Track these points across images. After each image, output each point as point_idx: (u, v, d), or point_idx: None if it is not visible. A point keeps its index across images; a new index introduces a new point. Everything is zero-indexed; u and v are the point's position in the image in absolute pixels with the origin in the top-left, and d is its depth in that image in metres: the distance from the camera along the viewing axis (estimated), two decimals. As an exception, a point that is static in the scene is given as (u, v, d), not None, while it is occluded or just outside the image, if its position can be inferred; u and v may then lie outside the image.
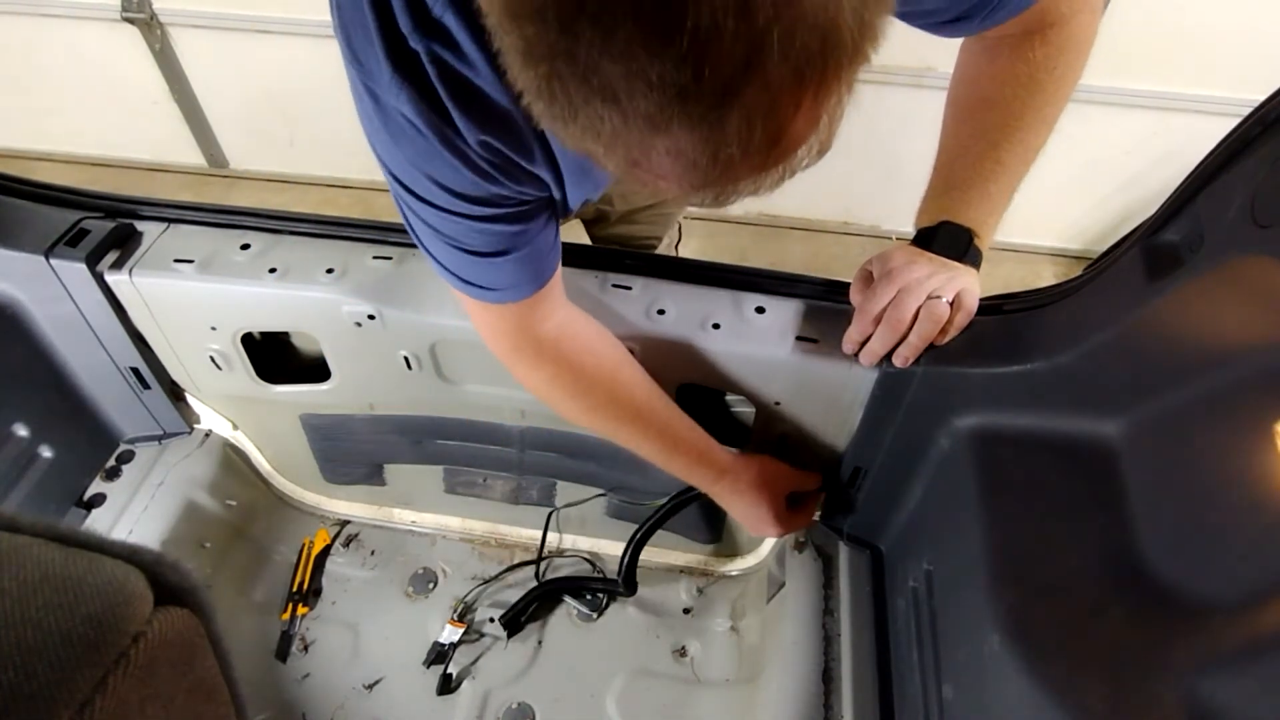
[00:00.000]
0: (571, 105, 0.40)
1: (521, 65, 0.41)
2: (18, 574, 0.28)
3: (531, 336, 0.85)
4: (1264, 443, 0.65)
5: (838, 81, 0.41)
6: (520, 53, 0.40)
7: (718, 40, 0.36)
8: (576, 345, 0.88)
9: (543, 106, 0.42)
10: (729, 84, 0.38)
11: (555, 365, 0.87)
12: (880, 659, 1.04)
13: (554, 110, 0.41)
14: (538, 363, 0.87)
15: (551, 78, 0.39)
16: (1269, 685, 0.60)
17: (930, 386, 0.93)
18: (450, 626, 1.22)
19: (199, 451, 1.29)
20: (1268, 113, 0.66)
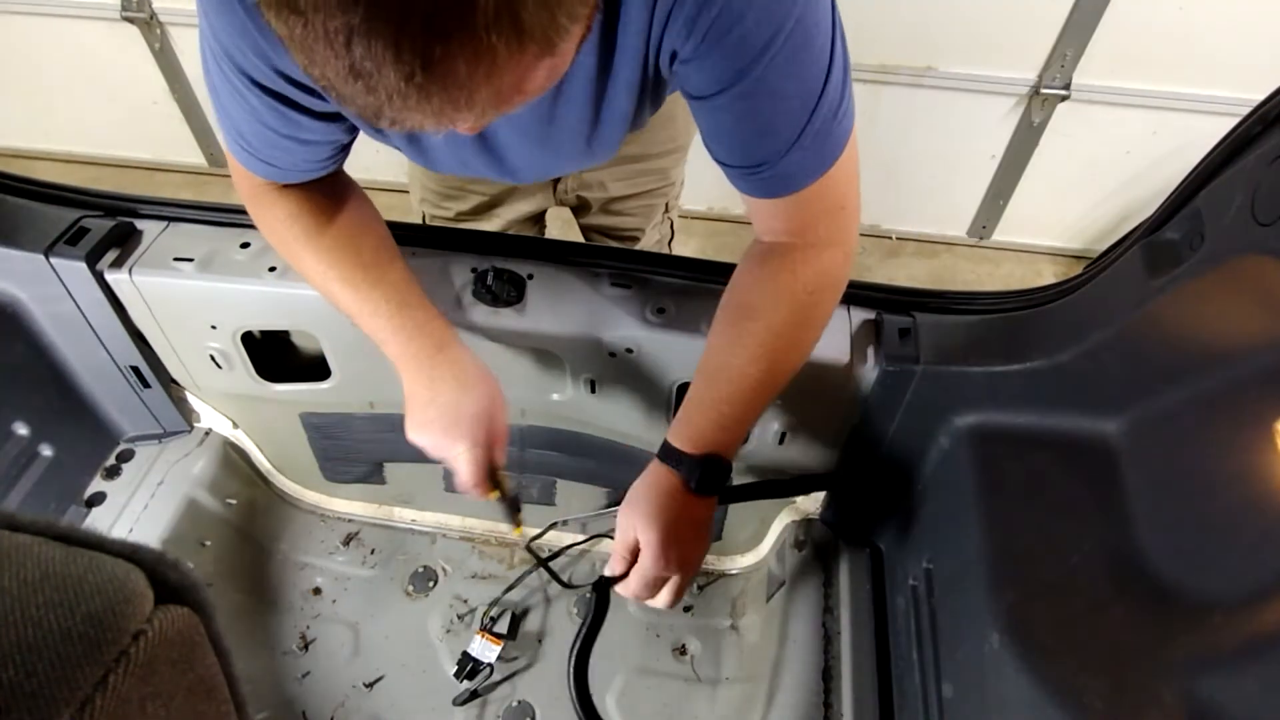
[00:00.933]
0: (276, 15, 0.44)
1: None
2: (18, 572, 0.28)
3: (274, 189, 0.87)
4: (1264, 441, 0.65)
5: (474, 44, 0.43)
6: None
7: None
8: (325, 195, 0.88)
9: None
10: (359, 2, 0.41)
11: (294, 207, 0.86)
12: (880, 657, 1.04)
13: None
14: (276, 201, 0.87)
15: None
16: (1269, 684, 0.60)
17: (930, 385, 0.93)
18: (482, 639, 1.19)
19: (199, 450, 1.29)
20: (1268, 111, 0.66)
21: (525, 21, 0.44)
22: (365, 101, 0.46)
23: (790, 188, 0.75)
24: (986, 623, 0.80)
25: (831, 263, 0.81)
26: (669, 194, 1.33)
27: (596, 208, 1.30)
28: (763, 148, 0.73)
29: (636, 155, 1.22)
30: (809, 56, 0.68)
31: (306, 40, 0.44)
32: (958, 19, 2.01)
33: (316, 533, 1.37)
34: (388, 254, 0.89)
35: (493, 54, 0.44)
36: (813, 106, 0.70)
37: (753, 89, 0.68)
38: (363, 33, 0.42)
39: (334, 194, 0.89)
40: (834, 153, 0.74)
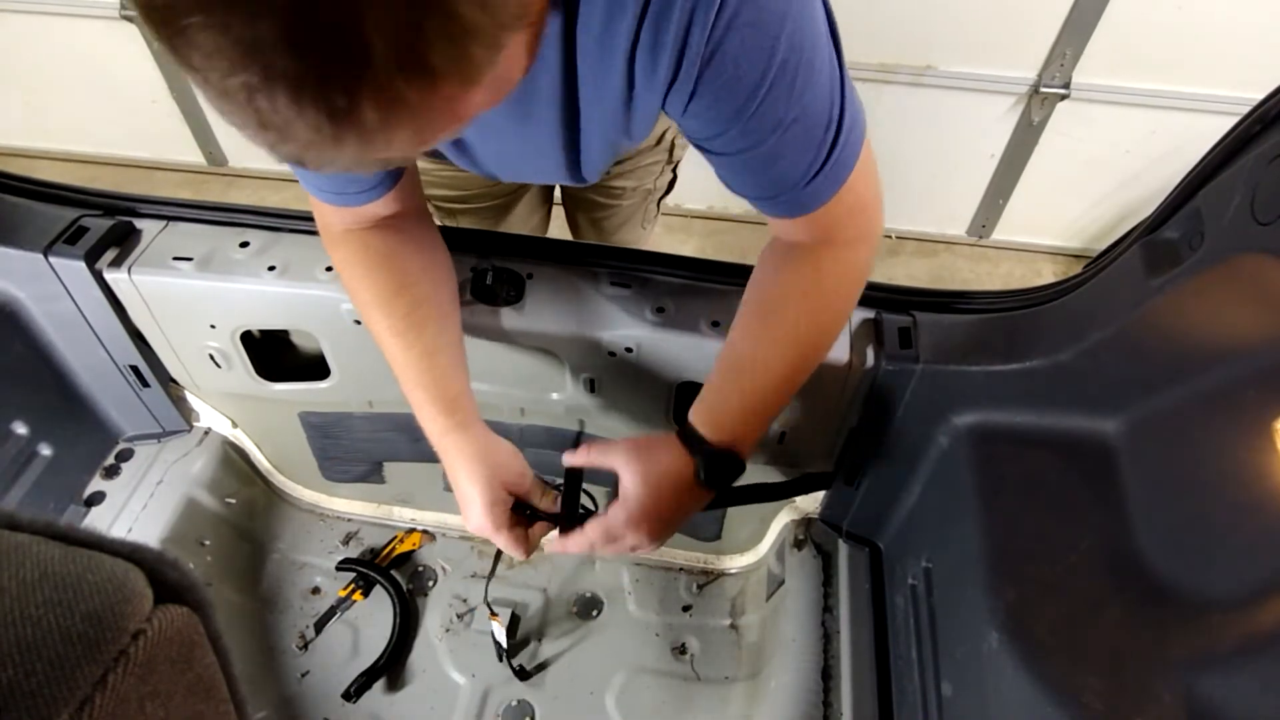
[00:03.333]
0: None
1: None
2: (17, 572, 0.28)
3: (344, 223, 0.87)
4: (1263, 441, 0.65)
5: (377, 91, 0.41)
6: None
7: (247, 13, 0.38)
8: (383, 242, 0.87)
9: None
10: (252, 57, 0.39)
11: (355, 250, 0.87)
12: (879, 656, 1.04)
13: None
14: (342, 241, 0.87)
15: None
16: (1267, 683, 0.60)
17: (930, 384, 0.94)
18: (496, 624, 1.21)
19: (198, 449, 1.29)
20: (1267, 110, 0.66)
21: (434, 62, 0.42)
22: (284, 150, 0.45)
23: (811, 207, 0.74)
24: (985, 622, 0.80)
25: (854, 258, 0.81)
26: (676, 142, 1.23)
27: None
28: (779, 180, 0.72)
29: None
30: (809, 79, 0.65)
31: (211, 96, 0.42)
32: (957, 18, 2.01)
33: (316, 532, 1.36)
34: (423, 315, 0.87)
35: (402, 98, 0.42)
36: (824, 128, 0.68)
37: (756, 126, 0.66)
38: (261, 90, 0.40)
39: (393, 242, 0.87)
40: (849, 165, 0.73)
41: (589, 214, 1.35)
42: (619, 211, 1.34)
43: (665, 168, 1.28)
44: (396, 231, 0.88)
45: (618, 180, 1.26)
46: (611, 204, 1.32)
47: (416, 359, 0.85)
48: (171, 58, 0.42)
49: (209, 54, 0.39)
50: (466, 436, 0.86)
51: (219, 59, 0.39)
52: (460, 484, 0.87)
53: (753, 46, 0.61)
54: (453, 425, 0.86)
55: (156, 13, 0.40)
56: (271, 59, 0.39)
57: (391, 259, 0.87)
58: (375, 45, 0.39)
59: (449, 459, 0.87)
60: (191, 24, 0.39)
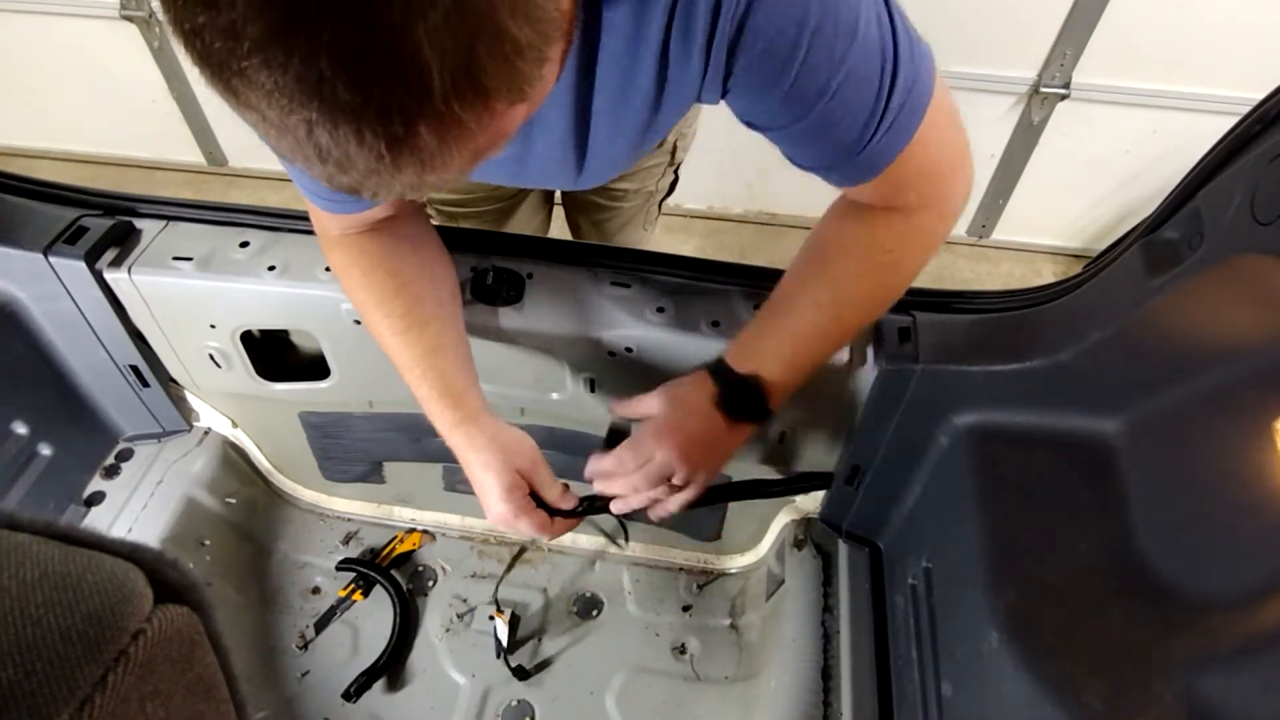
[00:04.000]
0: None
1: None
2: (17, 572, 0.28)
3: (341, 226, 0.87)
4: (1263, 441, 0.65)
5: (436, 117, 0.42)
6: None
7: (298, 47, 0.38)
8: (380, 244, 0.88)
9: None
10: (313, 94, 0.40)
11: (352, 252, 0.87)
12: (879, 657, 1.04)
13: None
14: (339, 244, 0.88)
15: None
16: (1268, 683, 0.60)
17: (930, 384, 0.93)
18: (499, 621, 1.21)
19: (198, 449, 1.29)
20: (1267, 110, 0.66)
21: (487, 84, 0.42)
22: (342, 181, 0.45)
23: (871, 174, 0.72)
24: (986, 622, 0.80)
25: (919, 225, 0.78)
26: (678, 145, 1.23)
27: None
28: (835, 148, 0.70)
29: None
30: (850, 40, 0.62)
31: (269, 132, 0.43)
32: (957, 18, 2.00)
33: (316, 532, 1.36)
34: (423, 314, 0.87)
35: (459, 123, 0.43)
36: (875, 89, 0.65)
37: (799, 96, 0.64)
38: (322, 124, 0.41)
39: (390, 243, 0.88)
40: (910, 126, 0.69)
41: (590, 216, 1.35)
42: (620, 213, 1.34)
43: (667, 169, 1.28)
44: (392, 233, 0.88)
45: (619, 182, 1.26)
46: (613, 206, 1.32)
47: (420, 356, 0.86)
48: (226, 97, 0.42)
49: (268, 93, 0.40)
50: (476, 427, 0.86)
51: (279, 97, 0.40)
52: (475, 474, 0.87)
53: (780, 15, 0.60)
54: (462, 418, 0.86)
55: (214, 56, 0.40)
56: (332, 93, 0.39)
57: (388, 260, 0.87)
58: (432, 73, 0.40)
59: (461, 452, 0.87)
60: (250, 65, 0.39)
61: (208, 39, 0.39)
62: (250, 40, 0.38)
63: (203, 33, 0.39)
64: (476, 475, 0.87)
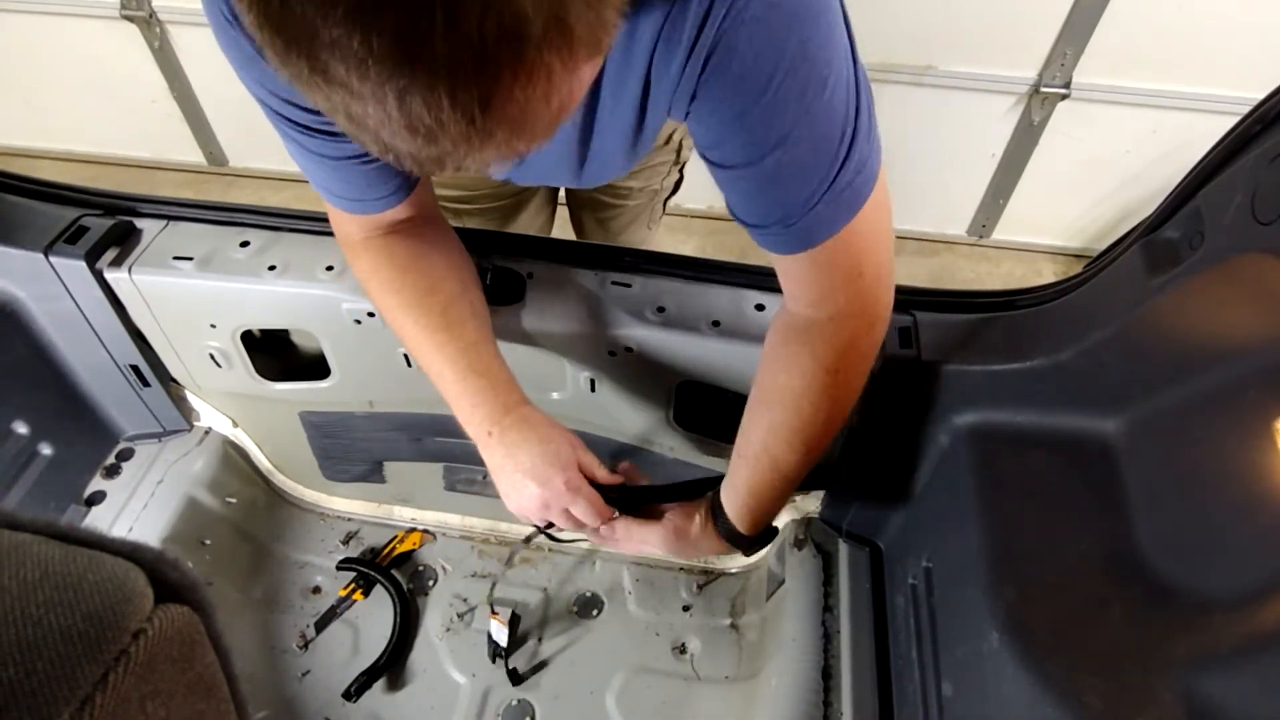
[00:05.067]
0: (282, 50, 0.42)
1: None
2: (18, 571, 0.28)
3: (364, 231, 0.87)
4: (1264, 440, 0.65)
5: (529, 68, 0.42)
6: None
7: (395, 14, 0.38)
8: (406, 247, 0.87)
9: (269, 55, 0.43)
10: (407, 56, 0.39)
11: (378, 258, 0.87)
12: (880, 656, 1.04)
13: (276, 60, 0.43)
14: (363, 251, 0.87)
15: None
16: (1268, 683, 0.60)
17: (930, 384, 0.94)
18: (496, 623, 1.21)
19: (199, 449, 1.29)
20: (1268, 110, 0.66)
21: (574, 28, 0.42)
22: (427, 153, 0.45)
23: (808, 242, 0.71)
24: (986, 621, 0.80)
25: (854, 336, 0.79)
26: (684, 143, 1.23)
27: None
28: (779, 203, 0.69)
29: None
30: (819, 94, 0.63)
31: (355, 107, 0.42)
32: (958, 18, 2.00)
33: (316, 532, 1.37)
34: (459, 313, 0.87)
35: (548, 71, 0.42)
36: (831, 155, 0.66)
37: (759, 135, 0.64)
38: (415, 90, 0.40)
39: (415, 245, 0.87)
40: (855, 203, 0.69)
41: (595, 214, 1.36)
42: (625, 212, 1.34)
43: (672, 168, 1.28)
44: (416, 235, 0.88)
45: (625, 180, 1.26)
46: (618, 204, 1.32)
47: (459, 354, 0.85)
48: (312, 79, 0.41)
49: (360, 60, 0.39)
50: (526, 411, 0.87)
51: (372, 64, 0.39)
52: (526, 457, 0.85)
53: (761, 44, 0.59)
54: (511, 404, 0.86)
55: (303, 28, 0.39)
56: (429, 51, 0.39)
57: (417, 262, 0.87)
58: (530, 19, 0.39)
59: (511, 439, 0.85)
60: (341, 33, 0.38)
61: (299, 10, 0.38)
62: (344, 2, 0.37)
63: (293, 5, 0.38)
64: (531, 460, 0.85)
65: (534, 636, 1.25)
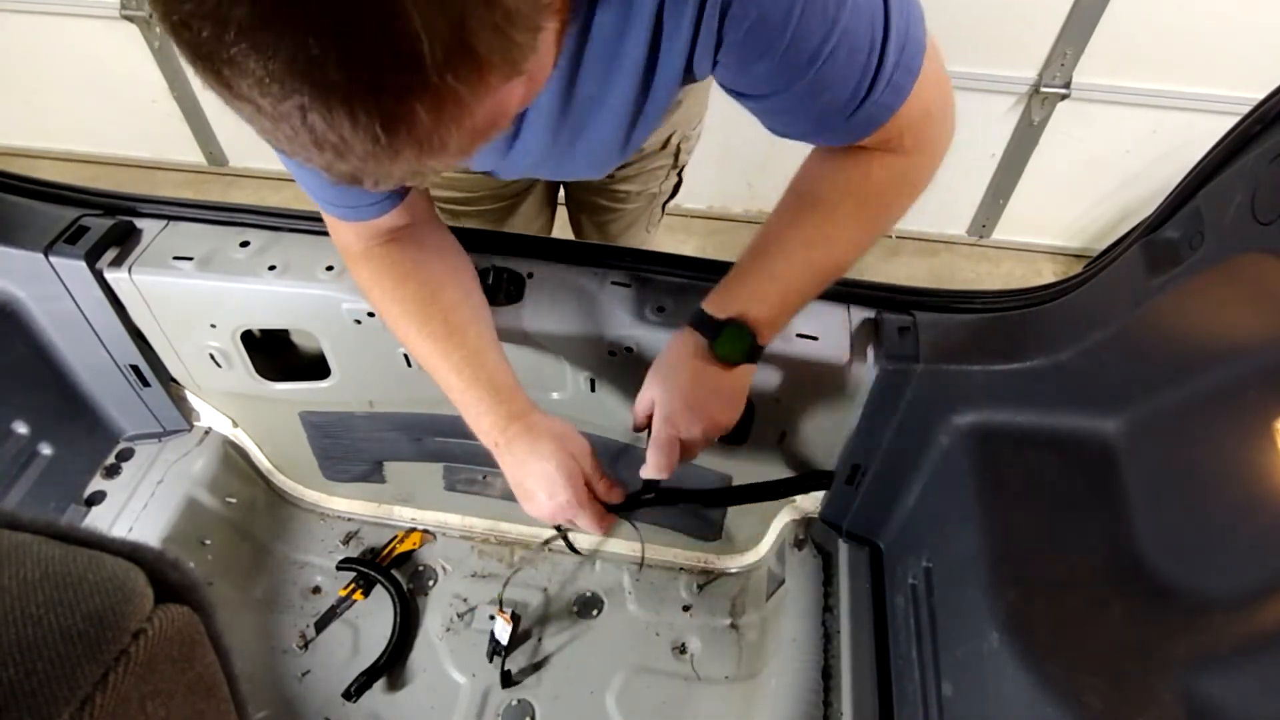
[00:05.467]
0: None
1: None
2: (18, 571, 0.28)
3: (362, 241, 0.87)
4: (1264, 440, 0.65)
5: (432, 92, 0.41)
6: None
7: (287, 38, 0.38)
8: (405, 255, 0.87)
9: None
10: (305, 79, 0.39)
11: (378, 268, 0.87)
12: (880, 656, 1.04)
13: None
14: (363, 260, 0.87)
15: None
16: (1268, 683, 0.60)
17: (930, 384, 0.93)
18: (501, 621, 1.21)
19: (199, 449, 1.29)
20: (1268, 110, 0.66)
21: (480, 54, 0.41)
22: (340, 169, 0.45)
23: (866, 132, 0.71)
24: (986, 621, 0.80)
25: (910, 167, 0.77)
26: (682, 147, 1.23)
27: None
28: (826, 113, 0.68)
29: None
30: (848, 3, 0.62)
31: (264, 122, 0.42)
32: (958, 17, 2.00)
33: (316, 531, 1.37)
34: (460, 319, 0.87)
35: (455, 95, 0.42)
36: (866, 51, 0.64)
37: (792, 61, 0.63)
38: (315, 107, 0.40)
39: (414, 253, 0.87)
40: (905, 85, 0.68)
41: (593, 217, 1.35)
42: (624, 215, 1.34)
43: (670, 171, 1.28)
44: (415, 242, 0.88)
45: (623, 184, 1.26)
46: (616, 207, 1.32)
47: (463, 361, 0.85)
48: (219, 90, 0.41)
49: (259, 80, 0.39)
50: (531, 420, 0.86)
51: (270, 83, 0.39)
52: (535, 467, 0.85)
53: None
54: (516, 413, 0.86)
55: (202, 46, 0.39)
56: (322, 73, 0.39)
57: (417, 270, 0.87)
58: (423, 43, 0.39)
59: (517, 447, 0.85)
60: (238, 51, 0.39)
61: (195, 27, 0.39)
62: (237, 24, 0.38)
63: (190, 21, 0.39)
64: (537, 468, 0.85)
65: (534, 636, 1.25)
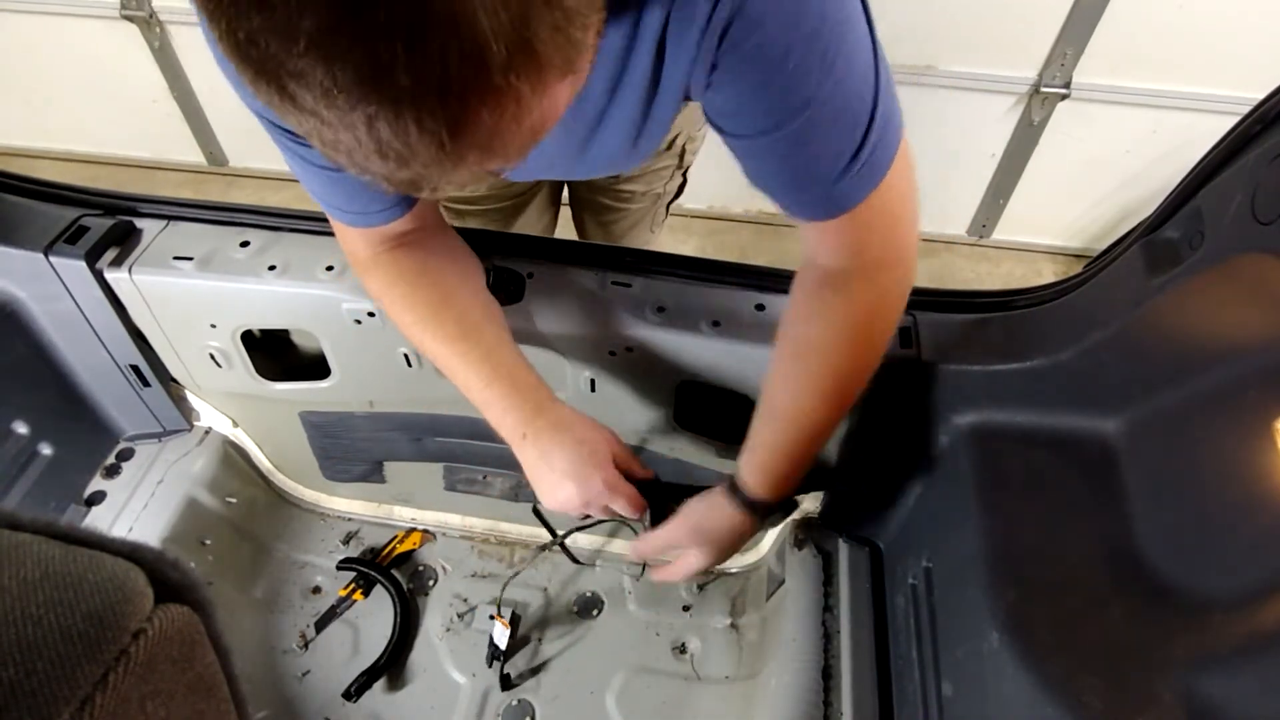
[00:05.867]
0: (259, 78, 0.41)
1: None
2: (18, 571, 0.28)
3: (371, 247, 0.87)
4: (1264, 440, 0.65)
5: (495, 93, 0.42)
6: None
7: (356, 48, 0.38)
8: (415, 261, 0.88)
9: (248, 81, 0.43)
10: (372, 87, 0.40)
11: (389, 275, 0.87)
12: (880, 656, 1.04)
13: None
14: (373, 269, 0.88)
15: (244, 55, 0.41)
16: (1268, 683, 0.60)
17: (930, 384, 0.94)
18: (500, 626, 1.21)
19: (199, 449, 1.29)
20: (1268, 110, 0.66)
21: (541, 52, 0.42)
22: (401, 177, 0.45)
23: (843, 207, 0.71)
24: (986, 621, 0.80)
25: (889, 283, 0.79)
26: (687, 148, 1.23)
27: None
28: (808, 171, 0.68)
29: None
30: (841, 55, 0.62)
31: (325, 133, 0.42)
32: (958, 18, 2.00)
33: (316, 531, 1.37)
34: (474, 320, 0.88)
35: (516, 96, 0.43)
36: (857, 115, 0.65)
37: (783, 101, 0.63)
38: (383, 116, 0.40)
39: (423, 258, 0.88)
40: (884, 163, 0.69)
41: (597, 217, 1.35)
42: (628, 215, 1.34)
43: (675, 172, 1.28)
44: (423, 246, 0.88)
45: (627, 184, 1.26)
46: (621, 207, 1.32)
47: (481, 360, 0.86)
48: (282, 105, 0.41)
49: (326, 90, 0.39)
50: (558, 414, 0.87)
51: (337, 94, 0.39)
52: (566, 461, 0.86)
53: (778, 9, 0.59)
54: (540, 408, 0.86)
55: (269, 61, 0.39)
56: (391, 80, 0.39)
57: (427, 275, 0.87)
58: (491, 44, 0.39)
59: (544, 442, 0.86)
60: (305, 63, 0.39)
61: (263, 43, 0.38)
62: (306, 35, 0.38)
63: (257, 37, 0.38)
64: (567, 458, 0.86)
65: (534, 637, 1.25)
